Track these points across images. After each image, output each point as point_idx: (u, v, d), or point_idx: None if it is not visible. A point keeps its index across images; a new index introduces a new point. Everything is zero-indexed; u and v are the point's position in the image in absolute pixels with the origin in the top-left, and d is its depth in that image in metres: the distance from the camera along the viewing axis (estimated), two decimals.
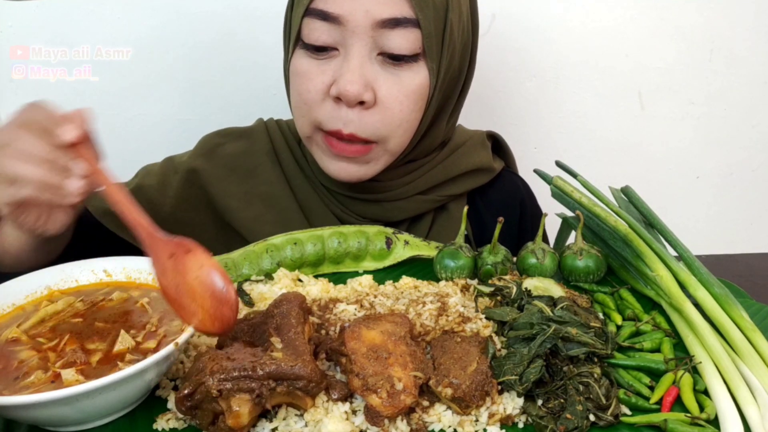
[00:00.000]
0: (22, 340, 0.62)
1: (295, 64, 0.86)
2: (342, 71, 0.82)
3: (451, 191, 1.02)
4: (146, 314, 0.65)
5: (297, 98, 0.88)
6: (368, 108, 0.84)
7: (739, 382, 0.63)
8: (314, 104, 0.85)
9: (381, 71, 0.84)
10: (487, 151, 1.06)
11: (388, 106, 0.85)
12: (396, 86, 0.84)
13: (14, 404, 0.51)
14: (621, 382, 0.64)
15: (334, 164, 0.90)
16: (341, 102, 0.83)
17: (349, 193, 0.98)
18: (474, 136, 1.06)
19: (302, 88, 0.86)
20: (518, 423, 0.59)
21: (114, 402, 0.56)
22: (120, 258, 0.73)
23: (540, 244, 0.85)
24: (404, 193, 0.98)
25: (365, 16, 0.80)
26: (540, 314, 0.68)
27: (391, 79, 0.84)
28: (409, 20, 0.81)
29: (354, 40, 0.81)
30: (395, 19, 0.80)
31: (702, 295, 0.73)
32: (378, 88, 0.84)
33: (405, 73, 0.85)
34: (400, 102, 0.85)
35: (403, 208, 0.99)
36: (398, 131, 0.88)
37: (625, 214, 0.84)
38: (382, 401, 0.56)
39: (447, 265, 0.83)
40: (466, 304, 0.74)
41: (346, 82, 0.81)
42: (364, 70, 0.82)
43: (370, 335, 0.62)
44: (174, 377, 0.64)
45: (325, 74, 0.84)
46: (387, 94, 0.84)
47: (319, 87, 0.84)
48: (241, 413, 0.54)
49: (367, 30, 0.80)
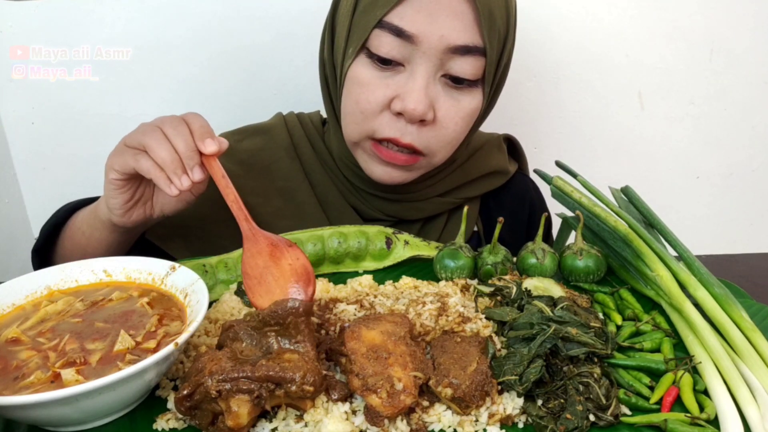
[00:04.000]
0: (22, 340, 0.62)
1: (356, 71, 0.86)
2: (407, 89, 0.83)
3: (468, 193, 1.04)
4: (146, 314, 0.65)
5: (353, 106, 0.88)
6: (426, 125, 0.86)
7: (739, 382, 0.62)
8: (371, 114, 0.86)
9: (442, 92, 0.86)
10: (503, 155, 1.09)
11: (445, 126, 0.87)
12: (454, 108, 0.87)
13: (14, 404, 0.51)
14: (621, 382, 0.64)
15: (379, 168, 0.91)
16: (401, 117, 0.85)
17: (372, 190, 0.99)
18: (491, 140, 1.09)
19: (361, 98, 0.86)
20: (518, 423, 0.59)
21: (114, 402, 0.56)
22: (120, 258, 0.73)
23: (540, 244, 0.85)
24: (424, 195, 1.01)
25: (440, 40, 0.81)
26: (540, 314, 0.68)
27: (450, 101, 0.86)
28: (479, 49, 0.83)
29: (423, 60, 0.82)
30: (467, 47, 0.82)
31: (702, 295, 0.73)
32: (438, 108, 0.86)
33: (464, 97, 0.87)
34: (456, 123, 0.88)
35: (421, 208, 1.01)
36: (447, 147, 0.91)
37: (625, 214, 0.84)
38: (382, 401, 0.56)
39: (447, 265, 0.83)
40: (466, 304, 0.74)
41: (412, 101, 0.82)
42: (428, 90, 0.83)
43: (370, 335, 0.62)
44: (174, 377, 0.64)
45: (388, 87, 0.85)
46: (445, 115, 0.86)
47: (380, 99, 0.85)
48: (241, 414, 0.54)
49: (437, 53, 0.82)
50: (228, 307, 0.75)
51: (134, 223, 0.82)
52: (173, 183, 0.73)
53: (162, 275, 0.71)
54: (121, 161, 0.76)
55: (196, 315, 0.61)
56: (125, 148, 0.76)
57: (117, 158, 0.77)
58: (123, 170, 0.76)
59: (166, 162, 0.72)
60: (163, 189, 0.74)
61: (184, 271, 0.70)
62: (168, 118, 0.76)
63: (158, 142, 0.73)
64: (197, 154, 0.73)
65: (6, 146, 1.35)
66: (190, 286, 0.68)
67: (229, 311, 0.74)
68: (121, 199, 0.79)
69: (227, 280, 0.82)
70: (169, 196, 0.78)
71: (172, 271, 0.71)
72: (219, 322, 0.71)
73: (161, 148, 0.72)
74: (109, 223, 0.82)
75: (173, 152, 0.73)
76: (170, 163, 0.72)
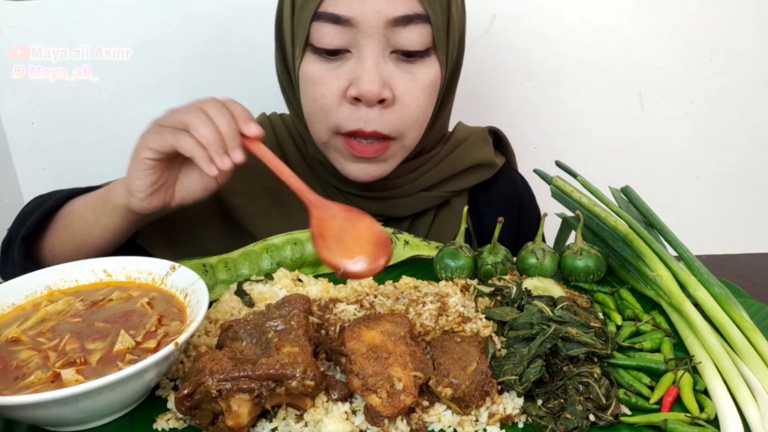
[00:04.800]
0: (22, 340, 0.62)
1: (306, 69, 0.86)
2: (358, 72, 0.82)
3: (455, 187, 1.03)
4: (146, 314, 0.65)
5: (312, 105, 0.87)
6: (387, 106, 0.85)
7: (739, 382, 0.62)
8: (331, 109, 0.85)
9: (395, 69, 0.84)
10: (489, 147, 1.07)
11: (406, 103, 0.86)
12: (411, 82, 0.85)
13: (14, 404, 0.51)
14: (621, 382, 0.64)
15: (353, 166, 0.90)
16: (360, 103, 0.84)
17: (356, 191, 0.98)
18: (476, 132, 1.07)
19: (317, 94, 0.85)
20: (518, 423, 0.59)
21: (114, 402, 0.56)
22: (120, 258, 0.73)
23: (540, 244, 0.85)
24: (409, 189, 0.99)
25: (377, 16, 0.80)
26: (540, 314, 0.68)
27: (406, 75, 0.85)
28: (420, 16, 0.82)
29: (367, 40, 0.81)
30: (407, 16, 0.81)
31: (702, 295, 0.73)
32: (395, 86, 0.84)
33: (418, 69, 0.85)
34: (417, 97, 0.86)
35: (408, 204, 1.00)
36: (415, 125, 0.89)
37: (625, 214, 0.84)
38: (382, 401, 0.56)
39: (447, 265, 0.83)
40: (466, 304, 0.74)
41: (365, 83, 0.81)
42: (380, 69, 0.82)
43: (370, 335, 0.62)
44: (174, 377, 0.64)
45: (339, 78, 0.84)
46: (404, 91, 0.85)
47: (335, 91, 0.84)
48: (241, 413, 0.54)
49: (379, 29, 0.81)
50: (228, 307, 0.75)
51: (153, 209, 0.79)
52: (215, 162, 0.72)
53: (162, 275, 0.71)
54: (158, 140, 0.74)
55: (196, 315, 0.61)
56: (161, 128, 0.75)
57: (153, 137, 0.75)
58: (161, 149, 0.74)
59: (210, 141, 0.72)
60: (203, 168, 0.73)
61: (184, 271, 0.70)
62: (208, 100, 0.76)
63: (201, 121, 0.72)
64: (239, 136, 0.74)
65: (6, 146, 1.35)
66: (190, 286, 0.68)
67: (229, 311, 0.74)
68: (148, 181, 0.76)
69: (227, 280, 0.82)
70: (193, 183, 0.79)
71: (172, 271, 0.71)
72: (219, 322, 0.71)
73: (204, 127, 0.72)
74: (123, 208, 0.80)
75: (216, 132, 0.72)
76: (214, 142, 0.72)
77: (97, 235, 0.83)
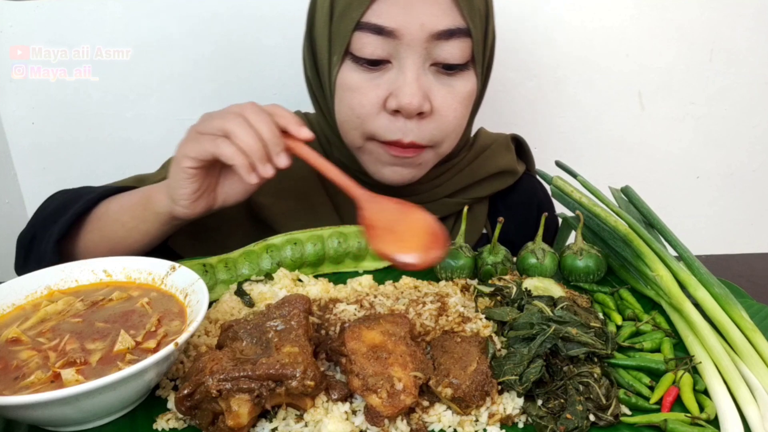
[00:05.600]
0: (22, 340, 0.62)
1: (345, 77, 0.86)
2: (399, 84, 0.83)
3: (477, 194, 1.03)
4: (146, 314, 0.65)
5: (349, 112, 0.88)
6: (425, 117, 0.86)
7: (739, 382, 0.62)
8: (368, 117, 0.86)
9: (434, 81, 0.85)
10: (512, 154, 1.08)
11: (444, 114, 0.87)
12: (450, 95, 0.86)
13: (14, 404, 0.51)
14: (621, 382, 0.64)
15: (387, 169, 0.91)
16: (398, 114, 0.85)
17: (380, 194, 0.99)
18: (498, 139, 1.08)
19: (355, 102, 0.86)
20: (518, 423, 0.59)
21: (114, 402, 0.56)
22: (120, 258, 0.73)
23: (540, 244, 0.85)
24: (433, 195, 1.00)
25: (421, 29, 0.80)
26: (540, 314, 0.68)
27: (445, 88, 0.86)
28: (462, 30, 0.83)
29: (409, 52, 0.82)
30: (450, 30, 0.82)
31: (702, 295, 0.73)
32: (433, 98, 0.85)
33: (457, 81, 0.86)
34: (455, 109, 0.87)
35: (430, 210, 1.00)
36: (452, 135, 0.91)
37: (625, 214, 0.84)
38: (382, 401, 0.56)
39: (447, 264, 0.83)
40: (466, 304, 0.74)
41: (406, 95, 0.82)
42: (420, 81, 0.83)
43: (370, 335, 0.62)
44: (174, 377, 0.64)
45: (379, 88, 0.84)
46: (442, 103, 0.86)
47: (373, 101, 0.85)
48: (241, 413, 0.54)
49: (421, 42, 0.81)
50: (228, 307, 0.75)
51: (197, 214, 0.79)
52: (257, 170, 0.72)
53: (162, 275, 0.71)
54: (198, 148, 0.74)
55: (196, 315, 0.61)
56: (200, 135, 0.74)
57: (192, 145, 0.74)
58: (201, 157, 0.74)
59: (252, 148, 0.71)
60: (243, 176, 0.73)
61: (184, 271, 0.70)
62: (247, 105, 0.75)
63: (242, 128, 0.71)
64: (282, 140, 0.73)
65: (6, 146, 1.35)
66: (190, 286, 0.68)
67: (229, 311, 0.74)
68: (190, 189, 0.76)
69: (227, 280, 0.82)
70: (234, 185, 0.79)
71: (172, 271, 0.71)
72: (219, 322, 0.71)
73: (245, 134, 0.71)
74: (167, 215, 0.79)
75: (257, 138, 0.72)
76: (256, 150, 0.71)
77: (136, 239, 0.83)
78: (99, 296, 0.69)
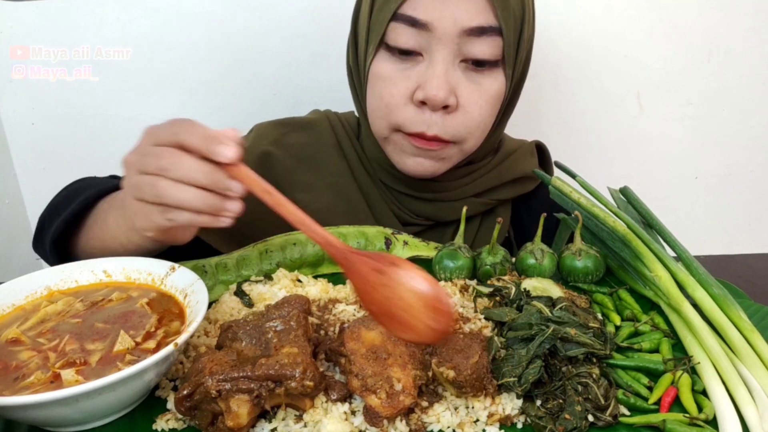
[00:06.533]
0: (22, 341, 0.62)
1: (378, 67, 0.88)
2: (427, 76, 0.84)
3: (501, 196, 1.05)
4: (146, 315, 0.65)
5: (378, 101, 0.90)
6: (450, 112, 0.87)
7: (738, 382, 0.63)
8: (396, 108, 0.88)
9: (462, 77, 0.87)
10: (535, 160, 1.10)
11: (469, 110, 0.88)
12: (477, 92, 0.87)
13: (14, 404, 0.51)
14: (620, 383, 0.64)
15: (411, 160, 0.93)
16: (425, 106, 0.86)
17: (408, 191, 1.01)
18: (524, 145, 1.11)
19: (385, 92, 0.88)
20: (517, 423, 0.59)
21: (114, 402, 0.57)
22: (120, 258, 0.73)
23: (539, 244, 0.86)
24: (459, 194, 1.02)
25: (453, 24, 0.82)
26: (539, 315, 0.68)
27: (472, 84, 0.87)
28: (494, 29, 0.84)
29: (440, 46, 0.84)
30: (482, 27, 0.83)
31: (700, 296, 0.73)
32: (460, 93, 0.86)
33: (485, 79, 0.88)
34: (480, 106, 0.88)
35: (456, 208, 1.02)
36: (476, 133, 0.91)
37: (623, 214, 0.85)
38: (381, 402, 0.56)
39: (446, 265, 0.83)
40: (465, 305, 0.74)
41: (433, 88, 0.83)
42: (448, 75, 0.85)
43: (370, 336, 0.62)
44: (173, 378, 0.64)
45: (409, 80, 0.86)
46: (468, 99, 0.87)
47: (402, 92, 0.87)
48: (240, 414, 0.54)
49: (453, 37, 0.83)
50: (227, 307, 0.75)
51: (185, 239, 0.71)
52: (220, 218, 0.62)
53: (162, 275, 0.71)
54: (151, 224, 0.64)
55: (196, 315, 0.61)
56: (143, 206, 0.63)
57: (143, 221, 0.65)
58: (160, 229, 0.65)
59: (201, 206, 0.60)
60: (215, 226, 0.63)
61: (184, 271, 0.70)
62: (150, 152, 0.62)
63: (178, 190, 0.60)
64: (221, 172, 0.60)
65: (6, 146, 1.35)
66: (189, 286, 0.68)
67: (229, 312, 0.74)
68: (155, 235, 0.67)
69: (227, 281, 0.82)
70: None
71: (171, 271, 0.71)
72: (218, 323, 0.72)
73: (185, 195, 0.60)
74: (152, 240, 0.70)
75: (199, 191, 0.60)
76: (207, 205, 0.60)
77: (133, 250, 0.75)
78: (99, 297, 0.69)
